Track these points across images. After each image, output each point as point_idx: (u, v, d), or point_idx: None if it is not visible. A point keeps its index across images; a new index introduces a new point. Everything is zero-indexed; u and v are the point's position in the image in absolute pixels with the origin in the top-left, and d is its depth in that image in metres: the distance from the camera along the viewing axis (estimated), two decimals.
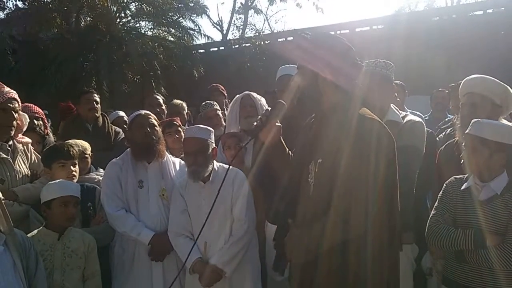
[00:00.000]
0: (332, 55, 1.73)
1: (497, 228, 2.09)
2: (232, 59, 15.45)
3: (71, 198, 2.47)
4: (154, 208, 2.77)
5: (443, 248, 2.24)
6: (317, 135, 1.80)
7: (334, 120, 1.71)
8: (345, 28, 15.33)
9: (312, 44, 1.77)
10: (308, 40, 1.79)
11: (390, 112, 2.53)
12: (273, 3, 21.26)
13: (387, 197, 1.65)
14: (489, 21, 12.49)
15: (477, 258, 2.12)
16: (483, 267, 2.11)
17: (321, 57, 1.72)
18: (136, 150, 2.82)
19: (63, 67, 13.04)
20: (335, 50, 1.75)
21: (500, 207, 2.10)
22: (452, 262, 2.26)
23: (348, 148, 1.59)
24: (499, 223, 2.09)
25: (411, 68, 9.33)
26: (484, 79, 2.54)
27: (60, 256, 2.44)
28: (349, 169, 1.58)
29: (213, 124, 3.55)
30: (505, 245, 2.05)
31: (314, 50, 1.74)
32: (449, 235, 2.17)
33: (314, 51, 1.74)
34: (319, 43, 1.77)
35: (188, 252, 2.40)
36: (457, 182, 2.30)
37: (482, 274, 2.12)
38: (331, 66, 1.72)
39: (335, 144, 1.64)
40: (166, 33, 16.57)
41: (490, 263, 2.06)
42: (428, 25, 12.92)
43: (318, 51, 1.73)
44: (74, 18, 14.51)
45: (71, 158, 2.78)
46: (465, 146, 2.23)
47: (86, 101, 3.90)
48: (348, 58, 1.76)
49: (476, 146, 2.13)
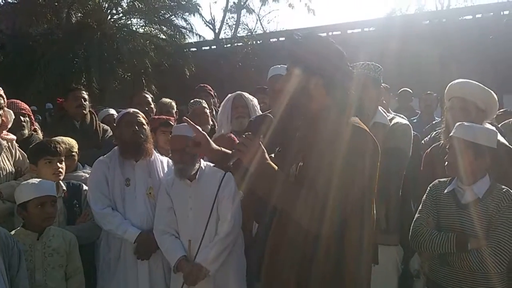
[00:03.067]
0: (325, 59, 1.70)
1: (479, 232, 2.12)
2: (224, 58, 15.46)
3: (47, 198, 2.41)
4: (141, 207, 2.77)
5: (426, 251, 2.26)
6: (302, 138, 1.77)
7: (321, 125, 1.67)
8: (337, 30, 15.43)
9: (305, 47, 1.71)
10: (300, 43, 1.73)
11: (378, 115, 2.56)
12: (265, 3, 21.32)
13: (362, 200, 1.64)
14: (478, 26, 12.65)
15: (459, 261, 2.14)
16: (465, 270, 2.14)
17: (313, 61, 1.68)
18: (124, 148, 2.81)
19: (53, 63, 12.93)
20: (329, 55, 1.71)
21: (481, 210, 2.13)
22: (436, 264, 2.28)
23: (336, 156, 1.54)
24: (480, 227, 2.12)
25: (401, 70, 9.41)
26: (469, 84, 2.58)
27: (41, 256, 2.41)
28: (333, 178, 1.53)
29: (200, 121, 3.54)
30: (483, 250, 2.07)
31: (307, 54, 1.69)
32: (432, 239, 2.19)
33: (307, 55, 1.69)
34: (312, 47, 1.72)
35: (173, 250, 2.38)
36: (440, 185, 2.33)
37: (465, 276, 2.15)
38: (324, 71, 1.69)
39: (320, 150, 1.60)
40: (158, 31, 16.51)
41: (470, 266, 2.09)
42: (419, 28, 13.05)
43: (311, 56, 1.69)
44: (65, 14, 14.39)
45: (57, 155, 2.76)
46: (449, 149, 2.25)
47: (74, 98, 3.85)
48: (341, 64, 1.73)
49: (461, 148, 2.16)
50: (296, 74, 1.70)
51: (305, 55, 1.68)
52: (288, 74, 1.75)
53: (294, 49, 1.73)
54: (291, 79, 1.71)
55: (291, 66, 1.74)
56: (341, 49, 1.75)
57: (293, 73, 1.70)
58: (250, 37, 17.61)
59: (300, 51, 1.70)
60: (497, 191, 2.16)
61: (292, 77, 1.71)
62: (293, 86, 1.70)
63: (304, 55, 1.69)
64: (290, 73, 1.73)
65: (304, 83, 1.69)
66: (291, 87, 1.71)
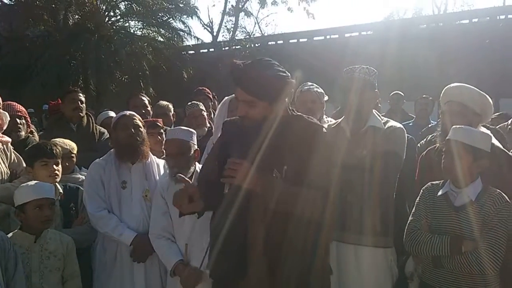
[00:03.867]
0: (263, 85, 1.88)
1: (471, 234, 2.13)
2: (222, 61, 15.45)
3: (45, 201, 2.40)
4: (137, 209, 2.77)
5: (421, 254, 2.28)
6: (274, 145, 1.88)
7: (288, 132, 1.92)
8: (335, 33, 15.49)
9: (245, 74, 1.89)
10: (242, 70, 1.90)
11: (372, 118, 2.57)
12: (264, 6, 21.38)
13: None
14: (475, 30, 12.73)
15: (453, 263, 2.16)
16: (459, 272, 2.15)
17: (253, 87, 1.89)
18: (120, 151, 2.81)
19: (50, 65, 12.92)
20: (267, 80, 1.89)
21: (474, 213, 2.14)
22: (429, 267, 2.29)
23: (310, 155, 1.86)
24: (474, 229, 2.13)
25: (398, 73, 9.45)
26: (465, 88, 2.59)
27: (38, 258, 2.40)
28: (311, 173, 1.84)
29: (197, 123, 3.55)
30: (478, 251, 2.09)
31: (248, 81, 1.89)
32: (425, 241, 2.21)
33: (248, 82, 1.89)
34: (252, 74, 1.89)
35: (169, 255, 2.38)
36: (433, 188, 2.35)
37: (458, 279, 2.17)
38: (264, 96, 1.90)
39: (297, 152, 1.87)
40: (155, 33, 16.51)
41: (469, 267, 2.11)
42: (416, 32, 13.11)
43: (252, 82, 1.88)
44: (62, 15, 14.38)
45: (54, 157, 2.75)
46: (446, 152, 2.27)
47: (70, 100, 3.86)
48: (281, 85, 1.91)
49: (459, 151, 2.18)
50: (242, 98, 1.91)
51: (247, 81, 1.89)
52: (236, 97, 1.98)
53: (237, 76, 1.91)
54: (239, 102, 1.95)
55: (236, 91, 1.93)
56: (282, 70, 1.94)
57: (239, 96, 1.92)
58: (248, 40, 17.64)
59: (243, 77, 1.90)
60: (490, 193, 2.18)
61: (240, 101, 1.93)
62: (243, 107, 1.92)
63: (246, 81, 1.89)
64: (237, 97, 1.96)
65: (250, 104, 1.90)
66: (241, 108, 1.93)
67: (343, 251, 2.46)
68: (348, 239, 2.43)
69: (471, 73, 7.83)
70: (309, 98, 3.46)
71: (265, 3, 20.99)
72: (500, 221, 2.11)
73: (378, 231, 2.42)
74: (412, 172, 2.75)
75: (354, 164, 2.42)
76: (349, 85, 2.48)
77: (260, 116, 1.91)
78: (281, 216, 1.85)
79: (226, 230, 1.90)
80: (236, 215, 1.88)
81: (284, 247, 1.86)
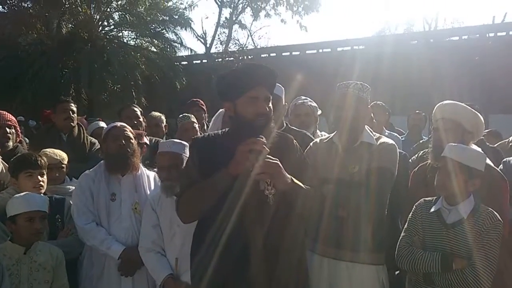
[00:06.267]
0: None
1: (463, 252, 2.14)
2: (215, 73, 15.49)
3: (36, 213, 2.39)
4: (126, 222, 2.73)
5: (412, 270, 2.27)
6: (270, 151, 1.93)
7: (279, 138, 2.04)
8: (327, 47, 15.63)
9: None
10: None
11: (365, 134, 2.57)
12: (257, 19, 21.54)
13: None
14: (464, 47, 12.93)
15: (444, 281, 2.15)
16: None
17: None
18: (110, 162, 2.79)
19: (41, 74, 12.83)
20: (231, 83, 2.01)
21: (465, 231, 2.15)
22: (421, 283, 2.28)
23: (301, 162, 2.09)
24: (465, 247, 2.14)
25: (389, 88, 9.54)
26: (456, 106, 2.62)
27: (27, 270, 2.38)
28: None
29: (189, 136, 3.53)
30: (469, 269, 2.10)
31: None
32: (417, 258, 2.21)
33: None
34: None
35: (159, 268, 2.35)
36: (426, 205, 2.35)
37: None
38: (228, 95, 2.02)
39: (285, 158, 1.97)
40: (149, 44, 16.53)
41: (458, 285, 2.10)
42: (407, 48, 13.28)
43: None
44: (55, 24, 14.34)
45: (38, 168, 2.73)
46: (441, 169, 2.27)
47: (62, 110, 3.83)
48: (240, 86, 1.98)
49: (454, 169, 2.19)
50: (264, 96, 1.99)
51: (269, 79, 2.03)
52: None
53: (261, 74, 2.00)
54: None
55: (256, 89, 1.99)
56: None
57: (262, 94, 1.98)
58: (241, 52, 17.73)
59: (266, 75, 2.01)
60: (481, 211, 2.19)
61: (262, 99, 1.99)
62: None
63: (268, 79, 2.03)
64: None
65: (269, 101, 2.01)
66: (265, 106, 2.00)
67: (336, 268, 2.43)
68: (343, 256, 2.41)
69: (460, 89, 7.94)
70: (303, 112, 3.48)
71: (258, 16, 21.18)
72: (491, 239, 2.12)
73: (373, 248, 2.40)
74: (405, 188, 2.75)
75: (346, 180, 2.41)
76: (343, 101, 2.48)
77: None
78: (280, 220, 1.93)
79: (226, 236, 1.89)
80: (236, 222, 1.88)
81: (282, 252, 1.94)
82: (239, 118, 1.97)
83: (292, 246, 2.00)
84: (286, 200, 1.96)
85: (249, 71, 2.00)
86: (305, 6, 20.06)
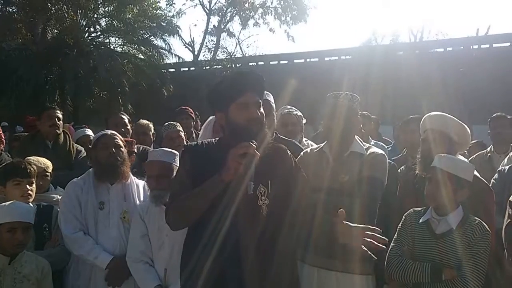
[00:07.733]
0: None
1: (452, 262, 2.16)
2: (203, 80, 15.50)
3: (18, 224, 2.31)
4: (114, 231, 2.69)
5: (401, 281, 2.28)
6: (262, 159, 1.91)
7: (273, 148, 2.02)
8: (315, 57, 15.79)
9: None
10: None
11: (354, 144, 2.59)
12: (246, 28, 21.65)
13: None
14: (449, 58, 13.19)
15: None
16: None
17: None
18: (99, 171, 2.74)
19: (25, 79, 12.63)
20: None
21: (455, 241, 2.17)
22: None
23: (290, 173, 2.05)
24: (454, 257, 2.16)
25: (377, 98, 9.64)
26: (444, 117, 2.66)
27: (10, 281, 2.30)
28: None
29: (175, 145, 3.50)
30: (459, 279, 2.11)
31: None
32: (407, 268, 2.22)
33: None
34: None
35: (147, 279, 2.31)
36: (415, 215, 2.37)
37: None
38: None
39: (279, 168, 2.00)
40: (136, 51, 16.46)
41: None
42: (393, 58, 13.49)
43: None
44: (41, 29, 14.17)
45: (27, 177, 2.67)
46: (431, 179, 2.30)
47: (48, 117, 3.77)
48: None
49: (444, 180, 2.21)
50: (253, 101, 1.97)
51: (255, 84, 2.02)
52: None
53: (246, 81, 1.99)
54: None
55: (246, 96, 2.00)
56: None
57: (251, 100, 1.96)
58: (229, 60, 17.79)
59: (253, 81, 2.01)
60: (470, 222, 2.22)
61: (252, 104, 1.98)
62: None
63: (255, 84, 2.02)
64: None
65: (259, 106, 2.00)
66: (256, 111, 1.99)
67: (326, 278, 2.43)
68: (334, 266, 2.40)
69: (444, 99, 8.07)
70: (290, 121, 3.50)
71: (247, 24, 21.30)
72: (481, 249, 2.14)
73: (363, 257, 2.40)
74: (394, 198, 2.77)
75: (337, 189, 2.42)
76: (333, 111, 2.50)
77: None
78: (273, 222, 1.93)
79: (218, 245, 1.87)
80: (228, 230, 1.86)
81: (275, 254, 1.94)
82: (231, 126, 1.96)
83: (284, 256, 1.99)
84: (279, 210, 1.95)
85: (237, 78, 2.01)
86: (293, 16, 20.26)
